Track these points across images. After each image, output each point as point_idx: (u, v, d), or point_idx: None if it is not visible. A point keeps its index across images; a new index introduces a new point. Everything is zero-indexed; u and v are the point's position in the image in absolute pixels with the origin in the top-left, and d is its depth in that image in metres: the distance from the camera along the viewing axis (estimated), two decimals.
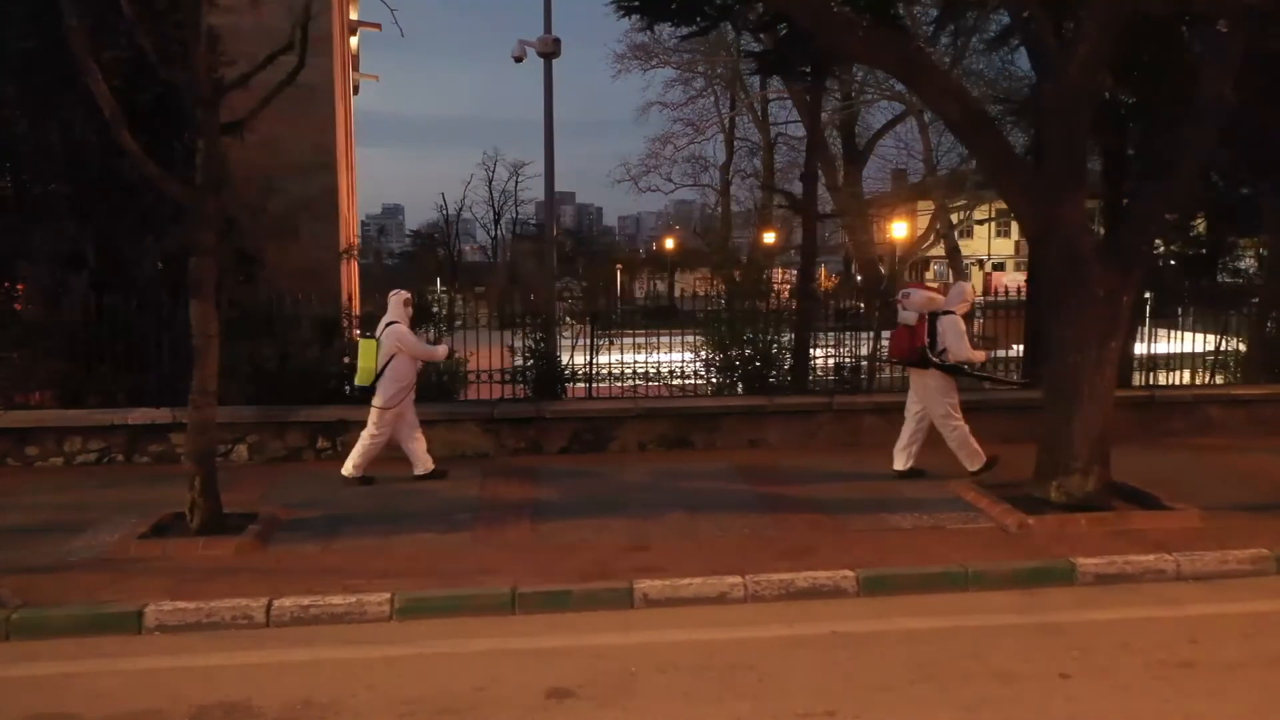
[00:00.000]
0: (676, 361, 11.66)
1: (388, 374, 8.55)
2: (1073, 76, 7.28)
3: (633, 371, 11.13)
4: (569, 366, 10.83)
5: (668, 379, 11.63)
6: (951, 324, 8.53)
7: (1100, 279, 7.41)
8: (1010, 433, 9.55)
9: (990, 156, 7.57)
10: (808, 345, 11.54)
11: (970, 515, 7.62)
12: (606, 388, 10.95)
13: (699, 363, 11.37)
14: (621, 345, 11.44)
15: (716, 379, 11.29)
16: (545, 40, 14.26)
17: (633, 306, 19.30)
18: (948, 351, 8.52)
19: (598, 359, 11.17)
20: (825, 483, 8.66)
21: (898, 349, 8.90)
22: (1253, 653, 5.37)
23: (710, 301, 11.81)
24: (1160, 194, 7.68)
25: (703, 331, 11.70)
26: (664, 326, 13.03)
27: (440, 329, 10.98)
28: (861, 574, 6.33)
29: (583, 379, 11.01)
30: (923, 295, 8.76)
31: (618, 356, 11.15)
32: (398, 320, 8.67)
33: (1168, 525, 7.30)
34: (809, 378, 11.56)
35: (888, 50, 7.43)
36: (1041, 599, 6.23)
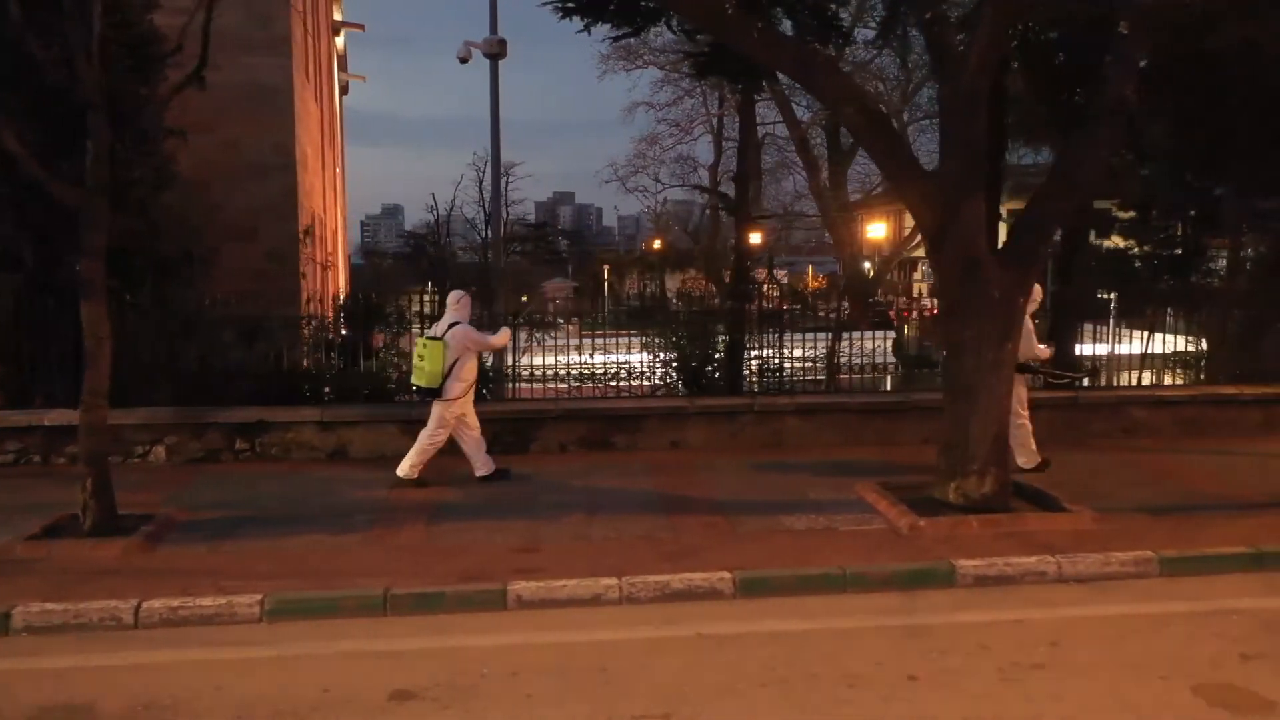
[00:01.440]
0: (616, 362, 11.69)
1: (454, 373, 8.66)
2: (968, 78, 7.27)
3: (569, 373, 11.15)
4: (513, 367, 10.83)
5: (612, 380, 11.67)
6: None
7: (997, 281, 7.41)
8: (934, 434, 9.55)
9: (888, 157, 7.57)
10: (741, 347, 11.54)
11: (866, 517, 7.62)
12: (544, 389, 10.97)
13: (633, 364, 11.39)
14: (581, 346, 11.51)
15: (666, 380, 11.33)
16: (490, 41, 14.29)
17: (618, 307, 19.23)
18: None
19: (533, 360, 11.19)
20: (734, 484, 8.67)
21: None
22: (1109, 655, 5.37)
23: (694, 303, 11.91)
24: (1060, 196, 7.67)
25: (659, 333, 11.76)
26: (636, 327, 13.00)
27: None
28: (739, 576, 6.33)
29: (528, 379, 11.07)
30: None
31: (561, 358, 11.20)
32: (460, 320, 8.79)
33: (1061, 527, 7.30)
34: (744, 379, 11.58)
35: (784, 51, 7.43)
36: (917, 601, 6.23)
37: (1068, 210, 8.18)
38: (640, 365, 11.41)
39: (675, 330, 11.54)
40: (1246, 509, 7.83)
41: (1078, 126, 7.68)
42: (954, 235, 7.45)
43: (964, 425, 7.55)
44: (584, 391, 11.52)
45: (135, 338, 9.32)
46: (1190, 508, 7.88)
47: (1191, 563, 6.67)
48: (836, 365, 12.63)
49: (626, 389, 11.46)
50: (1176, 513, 7.74)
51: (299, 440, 9.57)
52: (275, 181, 16.28)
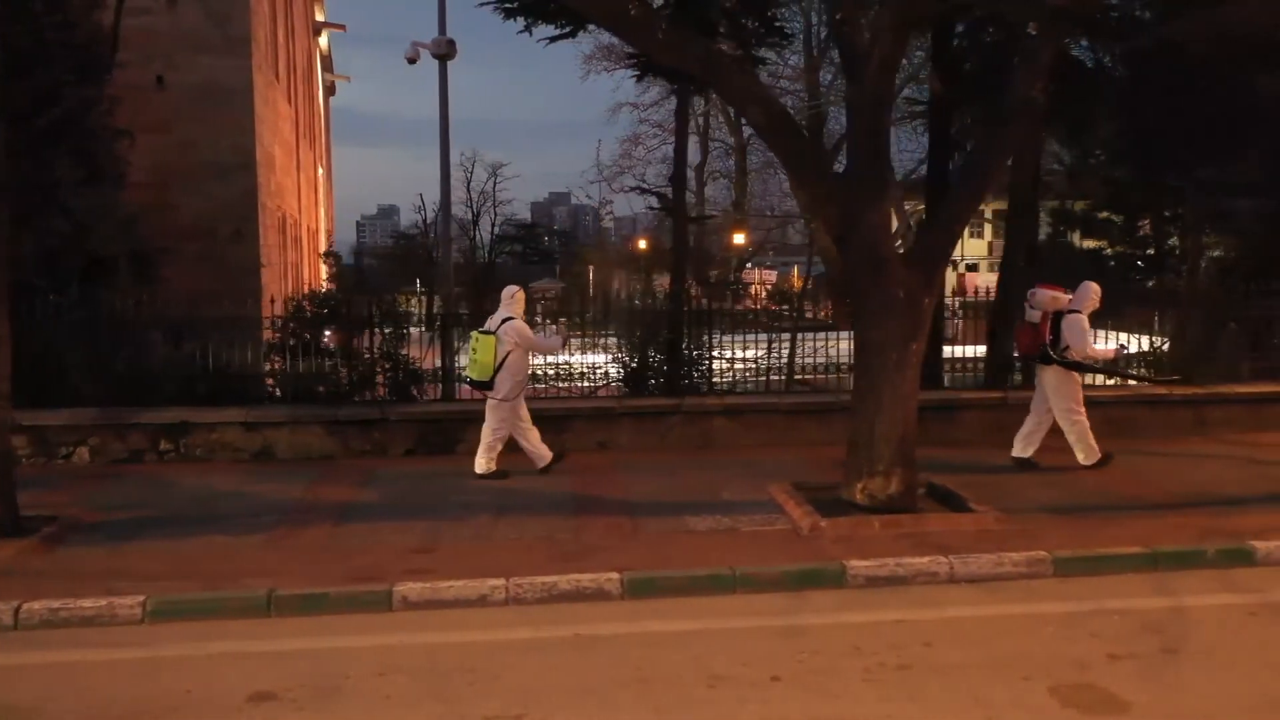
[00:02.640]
0: (557, 363, 11.71)
1: (506, 368, 8.74)
2: (871, 78, 7.28)
3: None
4: (444, 368, 10.82)
5: (555, 381, 11.69)
6: (1075, 322, 8.88)
7: (902, 281, 7.41)
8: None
9: (793, 158, 7.57)
10: (681, 347, 11.55)
11: (772, 518, 7.61)
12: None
13: (573, 365, 11.40)
14: None
15: (608, 381, 11.36)
16: (439, 42, 14.30)
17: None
18: (1070, 349, 8.82)
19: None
20: (650, 485, 8.67)
21: (1022, 345, 9.31)
22: (979, 655, 5.37)
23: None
24: (966, 196, 7.69)
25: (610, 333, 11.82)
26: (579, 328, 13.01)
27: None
28: (627, 577, 6.33)
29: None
30: (1047, 294, 9.03)
31: None
32: (513, 315, 8.88)
33: (962, 527, 7.31)
34: (687, 380, 11.59)
35: (688, 52, 7.41)
36: (804, 602, 6.22)
37: (973, 210, 8.17)
38: (582, 366, 11.45)
39: (618, 331, 11.58)
40: (1153, 509, 7.84)
41: (996, 123, 7.68)
42: (859, 235, 7.45)
43: (869, 426, 7.55)
44: (533, 392, 11.56)
45: (58, 338, 9.32)
46: (1099, 508, 7.89)
47: (1085, 563, 6.68)
48: (793, 366, 12.75)
49: (568, 390, 11.50)
50: (1084, 513, 7.75)
51: (223, 441, 9.56)
52: (234, 182, 16.25)
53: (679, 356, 11.55)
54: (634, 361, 11.56)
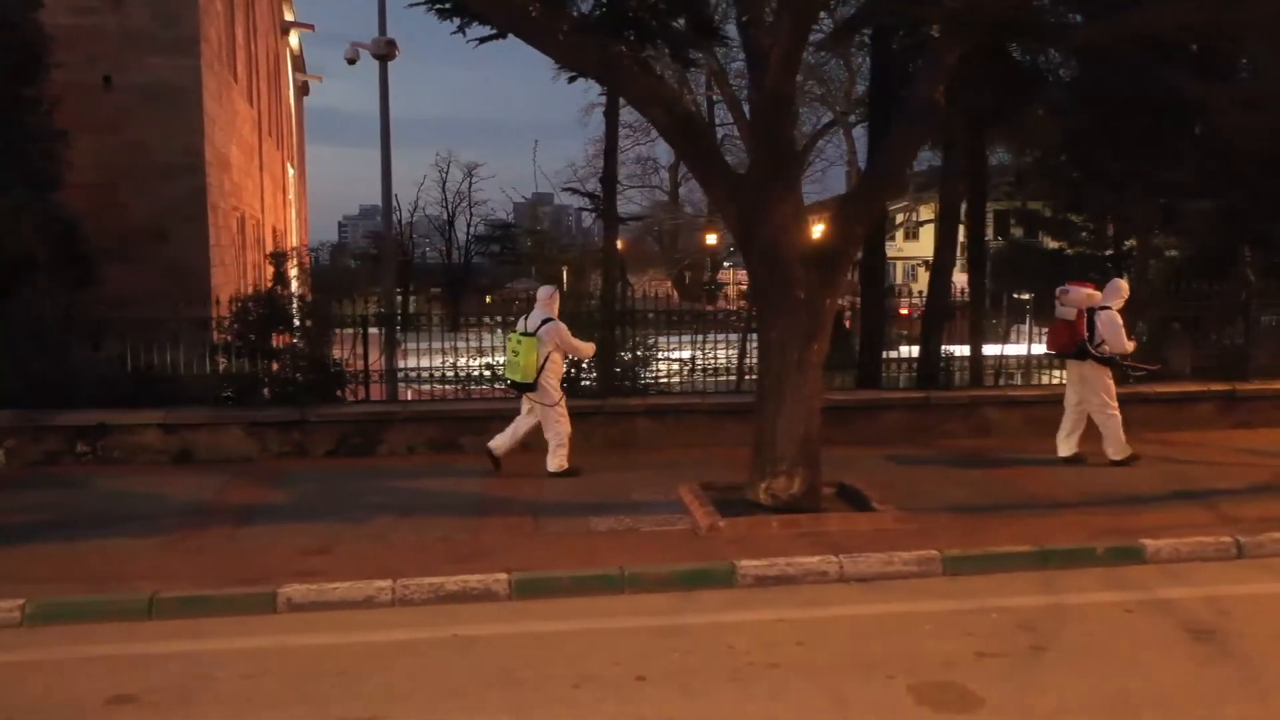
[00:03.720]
0: (486, 364, 11.75)
1: (548, 369, 8.75)
2: (772, 79, 7.32)
3: (443, 375, 11.16)
4: (366, 369, 10.77)
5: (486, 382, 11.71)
6: (1109, 318, 9.09)
7: (802, 281, 7.45)
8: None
9: (696, 159, 7.60)
10: (612, 348, 11.57)
11: (675, 518, 7.63)
12: (429, 390, 11.01)
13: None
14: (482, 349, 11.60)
15: None
16: (379, 42, 14.24)
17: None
18: (1105, 344, 9.03)
19: (407, 362, 11.17)
20: (561, 486, 8.68)
21: (1056, 342, 9.44)
22: (849, 654, 5.40)
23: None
24: (867, 197, 7.73)
25: None
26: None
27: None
28: (515, 577, 6.33)
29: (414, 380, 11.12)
30: (1081, 292, 9.23)
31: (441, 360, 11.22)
32: (552, 316, 8.90)
33: (860, 527, 7.35)
34: (628, 380, 11.64)
35: (588, 53, 7.44)
36: (690, 601, 6.24)
37: (876, 211, 8.22)
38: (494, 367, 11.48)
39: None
40: (1057, 508, 7.92)
41: (899, 123, 7.73)
42: (761, 235, 7.48)
43: (772, 426, 7.59)
44: (472, 393, 11.60)
45: None
46: (1003, 507, 7.95)
47: (975, 561, 6.74)
48: (743, 366, 12.79)
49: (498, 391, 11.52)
50: (987, 512, 7.81)
51: (142, 443, 9.50)
52: (184, 183, 16.11)
53: (610, 357, 11.59)
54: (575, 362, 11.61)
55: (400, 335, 11.35)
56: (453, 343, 11.66)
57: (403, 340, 11.19)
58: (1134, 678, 5.08)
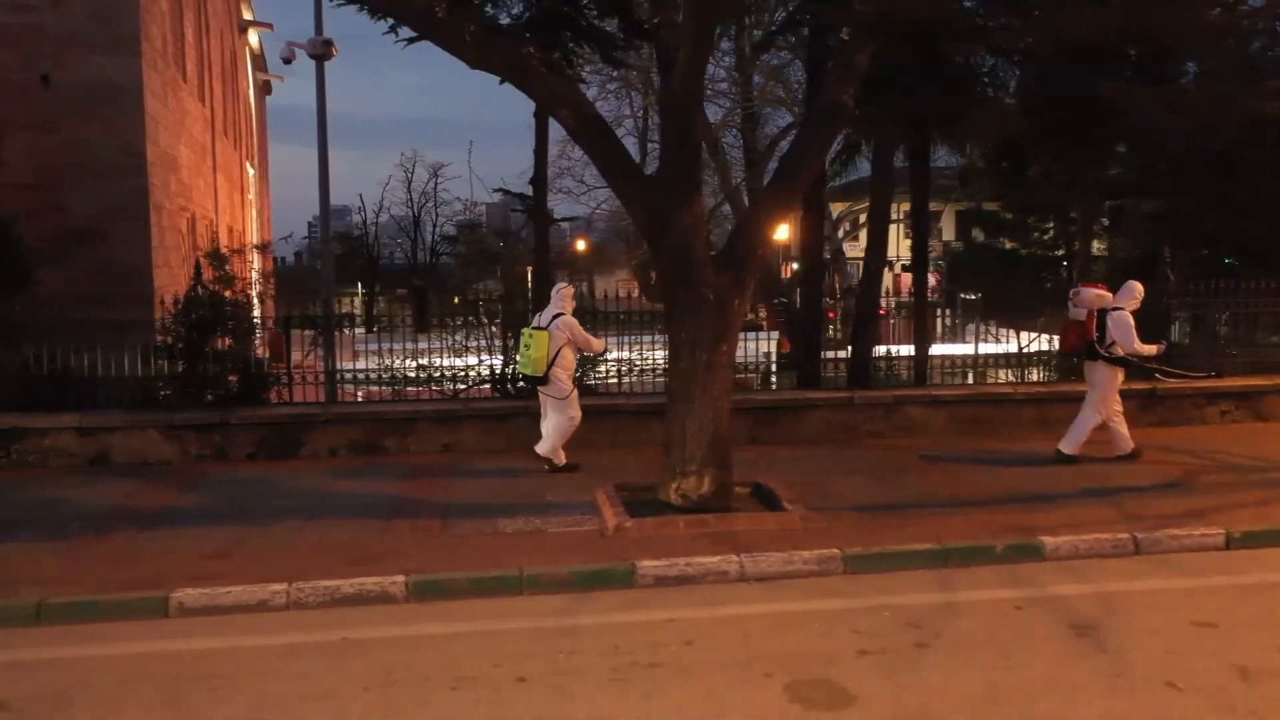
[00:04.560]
0: (418, 365, 11.75)
1: (559, 363, 8.91)
2: (678, 81, 7.34)
3: (378, 376, 11.17)
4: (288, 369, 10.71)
5: (426, 383, 11.70)
6: (1121, 319, 9.19)
7: (711, 282, 7.48)
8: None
9: (604, 160, 7.60)
10: None
11: (585, 519, 7.62)
12: (379, 393, 11.02)
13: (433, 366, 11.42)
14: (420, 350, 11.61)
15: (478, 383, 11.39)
16: (315, 42, 14.17)
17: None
18: (1116, 344, 9.12)
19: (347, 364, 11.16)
20: (479, 488, 8.66)
21: (1068, 343, 9.57)
22: (733, 653, 5.42)
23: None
24: (775, 198, 7.77)
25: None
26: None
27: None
28: (412, 580, 6.32)
29: (356, 381, 11.12)
30: (1092, 293, 9.37)
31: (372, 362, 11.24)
32: (563, 312, 9.04)
33: (767, 526, 7.38)
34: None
35: (497, 54, 7.43)
36: (587, 602, 6.24)
37: (786, 213, 8.26)
38: (442, 368, 11.48)
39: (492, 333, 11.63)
40: (965, 506, 7.98)
41: (807, 125, 7.78)
42: (669, 237, 7.50)
43: (681, 426, 7.61)
44: (407, 394, 11.60)
45: None
46: (913, 506, 8.01)
47: (876, 559, 6.79)
48: None
49: (440, 392, 11.53)
50: (896, 511, 7.86)
51: (57, 447, 9.39)
52: (125, 182, 15.92)
53: None
54: (503, 363, 11.63)
55: (362, 335, 11.42)
56: (414, 344, 11.71)
57: (349, 339, 11.17)
58: (1006, 673, 5.14)
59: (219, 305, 10.17)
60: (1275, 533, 7.28)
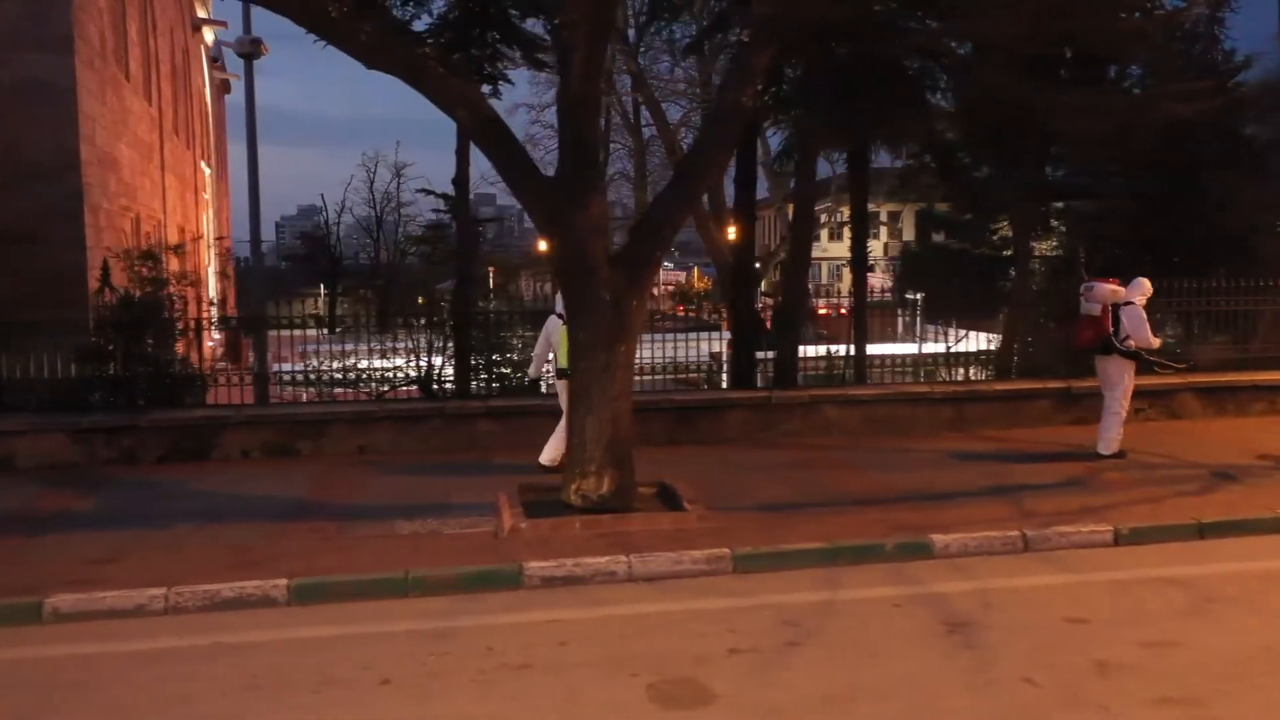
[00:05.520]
0: (344, 367, 11.75)
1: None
2: (575, 83, 7.35)
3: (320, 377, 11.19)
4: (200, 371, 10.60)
5: (354, 385, 11.68)
6: (1135, 313, 9.37)
7: (609, 283, 7.48)
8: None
9: (503, 162, 7.58)
10: (468, 350, 11.59)
11: (484, 520, 7.59)
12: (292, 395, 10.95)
13: (361, 367, 11.41)
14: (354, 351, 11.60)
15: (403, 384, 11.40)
16: (243, 41, 14.06)
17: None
18: (1130, 338, 9.32)
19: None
20: (384, 489, 8.62)
21: (1083, 338, 9.67)
22: (607, 653, 5.43)
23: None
24: (673, 200, 7.80)
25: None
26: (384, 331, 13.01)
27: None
28: (294, 583, 6.27)
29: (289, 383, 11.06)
30: (1106, 289, 9.48)
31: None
32: None
33: (663, 526, 7.40)
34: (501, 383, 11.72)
35: (392, 55, 7.38)
36: (472, 603, 6.23)
37: (685, 213, 8.28)
38: (367, 369, 11.48)
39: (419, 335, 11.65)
40: (865, 504, 8.03)
41: (705, 127, 7.81)
42: (567, 238, 7.51)
43: (581, 427, 7.61)
44: (335, 395, 11.57)
45: None
46: (814, 504, 8.05)
47: (766, 558, 6.83)
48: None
49: (368, 394, 11.52)
50: (796, 509, 7.90)
51: None
52: (59, 183, 15.67)
53: (467, 359, 11.60)
54: (428, 365, 11.62)
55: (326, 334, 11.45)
56: (369, 344, 11.70)
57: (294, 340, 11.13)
58: (870, 670, 5.19)
59: (131, 306, 10.03)
60: (1162, 529, 7.41)
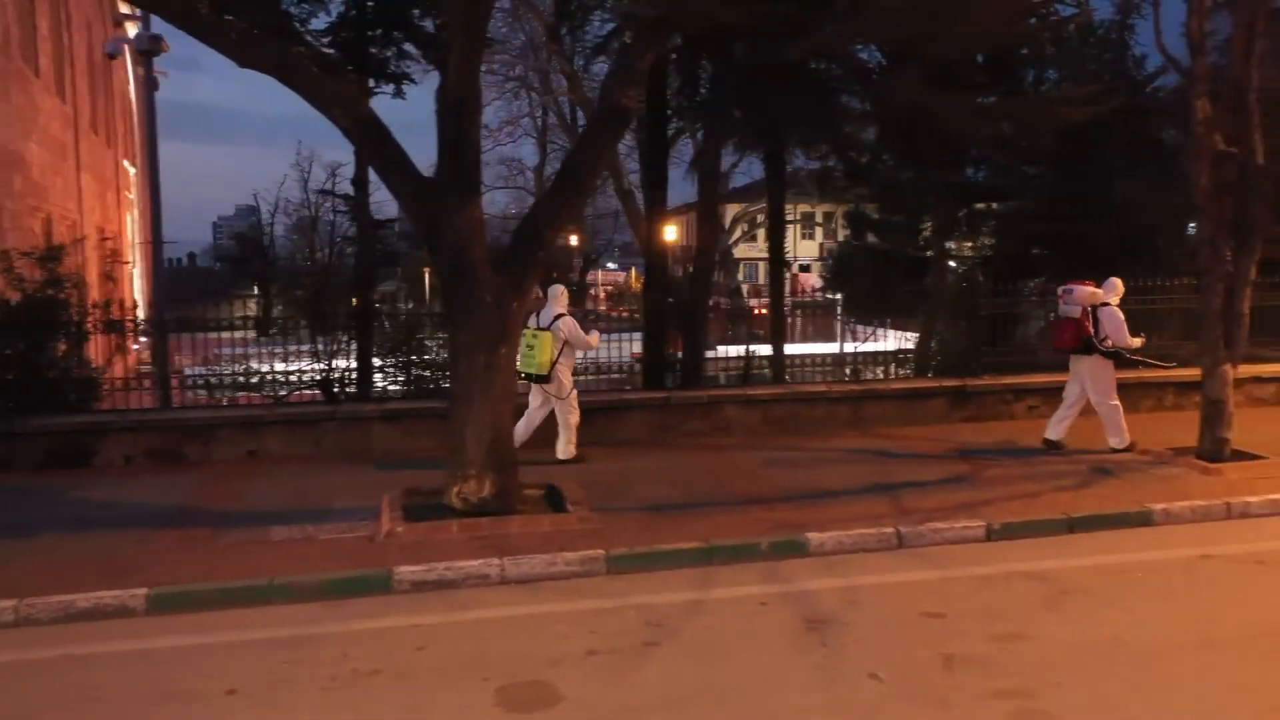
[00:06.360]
0: (247, 369, 11.58)
1: (562, 362, 9.22)
2: (451, 85, 7.31)
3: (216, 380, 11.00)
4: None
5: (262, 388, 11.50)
6: (1111, 314, 9.59)
7: (489, 285, 7.45)
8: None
9: (381, 162, 7.52)
10: (369, 352, 11.48)
11: (362, 525, 7.50)
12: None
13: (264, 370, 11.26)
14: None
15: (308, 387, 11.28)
16: (142, 37, 13.79)
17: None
18: (1108, 339, 9.54)
19: None
20: (269, 493, 8.49)
21: (1063, 339, 9.83)
22: (463, 657, 5.41)
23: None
24: (555, 201, 7.80)
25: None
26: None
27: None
28: (153, 592, 6.15)
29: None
30: (1085, 290, 9.68)
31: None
32: (564, 312, 9.34)
33: (543, 529, 7.38)
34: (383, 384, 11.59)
35: (265, 54, 7.27)
36: (338, 609, 6.15)
37: (567, 214, 8.28)
38: (269, 372, 11.31)
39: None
40: (748, 504, 8.07)
41: (589, 130, 7.82)
42: (445, 239, 7.46)
43: (462, 430, 7.57)
44: (239, 399, 11.38)
45: None
46: (700, 504, 8.07)
47: (640, 559, 6.84)
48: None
49: (268, 397, 11.34)
50: (681, 510, 7.92)
51: None
52: None
53: (368, 361, 11.49)
54: (328, 367, 11.47)
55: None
56: (286, 348, 11.53)
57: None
58: (723, 669, 5.23)
59: (7, 310, 9.72)
60: (1034, 524, 7.57)
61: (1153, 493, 8.21)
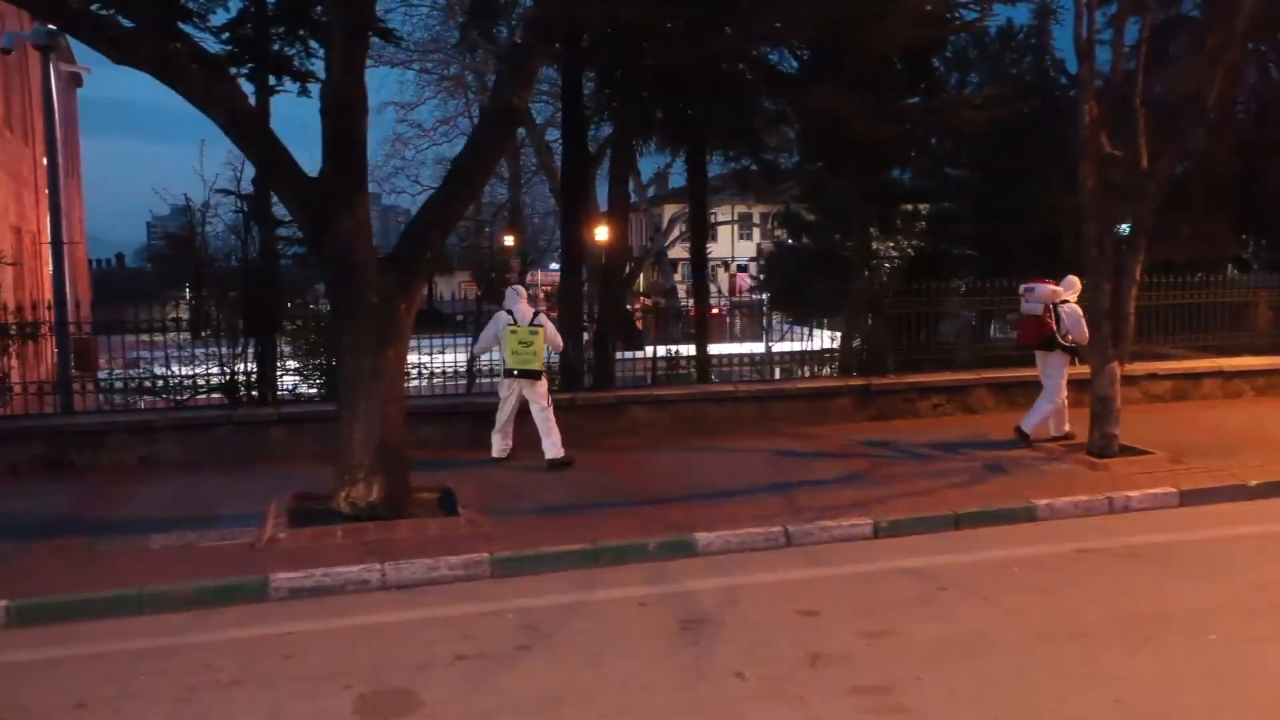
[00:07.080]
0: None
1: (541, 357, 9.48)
2: (336, 81, 7.21)
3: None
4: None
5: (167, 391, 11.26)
6: (1073, 312, 9.90)
7: (376, 286, 7.36)
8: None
9: (263, 162, 7.40)
10: (274, 353, 11.30)
11: (245, 531, 7.33)
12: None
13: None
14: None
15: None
16: (38, 34, 13.37)
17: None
18: (1069, 334, 9.83)
19: None
20: (153, 500, 8.30)
21: (1027, 336, 10.21)
22: (329, 665, 5.32)
23: None
24: (443, 202, 7.73)
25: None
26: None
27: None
28: (14, 604, 5.97)
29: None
30: (1047, 289, 9.95)
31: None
32: (541, 310, 9.64)
33: (430, 533, 7.31)
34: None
35: (142, 50, 7.10)
36: (208, 618, 6.02)
37: (456, 214, 8.23)
38: (171, 375, 11.10)
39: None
40: (642, 504, 8.06)
41: (479, 128, 7.77)
42: (331, 240, 7.35)
43: (349, 433, 7.47)
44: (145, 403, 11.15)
45: None
46: (595, 506, 8.04)
47: (525, 562, 6.81)
48: (471, 369, 12.79)
49: (171, 401, 11.11)
50: (574, 511, 7.90)
51: None
52: None
53: (272, 362, 11.30)
54: (231, 370, 11.26)
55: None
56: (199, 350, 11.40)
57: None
58: (591, 672, 5.21)
59: None
60: (921, 520, 7.67)
61: (1039, 488, 8.37)
